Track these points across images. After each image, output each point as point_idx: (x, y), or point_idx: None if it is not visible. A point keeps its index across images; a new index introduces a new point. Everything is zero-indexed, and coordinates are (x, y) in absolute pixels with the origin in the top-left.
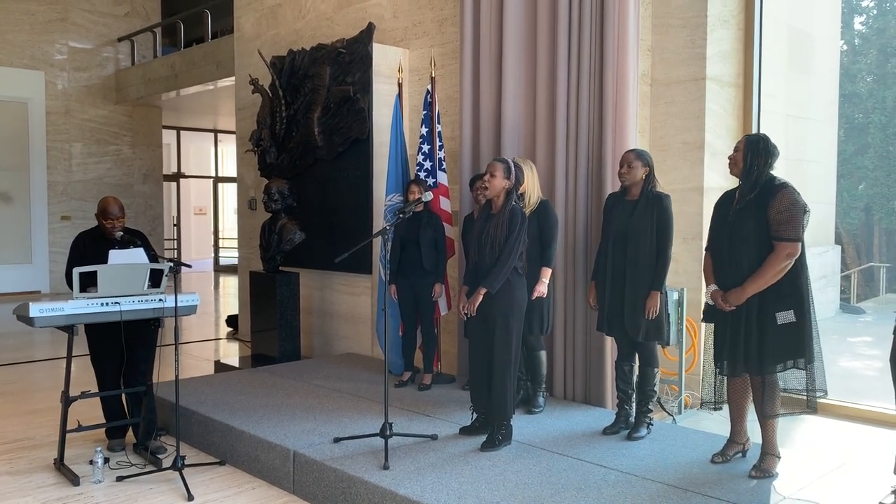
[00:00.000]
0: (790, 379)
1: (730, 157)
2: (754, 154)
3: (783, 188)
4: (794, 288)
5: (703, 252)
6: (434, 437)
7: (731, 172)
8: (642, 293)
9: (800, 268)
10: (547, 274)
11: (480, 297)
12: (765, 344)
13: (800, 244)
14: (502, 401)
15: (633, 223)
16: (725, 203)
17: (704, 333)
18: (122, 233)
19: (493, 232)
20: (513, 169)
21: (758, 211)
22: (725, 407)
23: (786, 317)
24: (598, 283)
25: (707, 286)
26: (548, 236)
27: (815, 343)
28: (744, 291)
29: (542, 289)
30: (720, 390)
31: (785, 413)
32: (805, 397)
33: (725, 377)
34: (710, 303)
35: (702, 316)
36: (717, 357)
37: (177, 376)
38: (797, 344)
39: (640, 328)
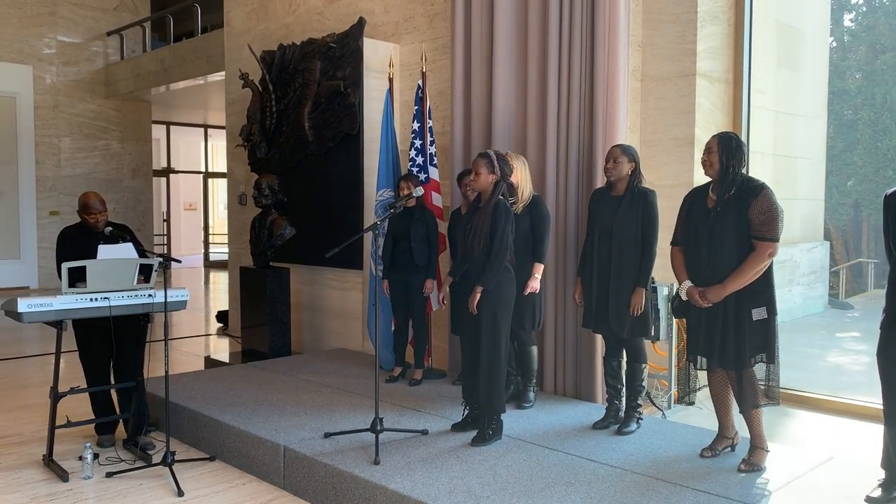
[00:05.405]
0: (755, 371)
1: (703, 159)
2: (729, 154)
3: (763, 189)
4: (767, 286)
5: (670, 248)
6: (425, 433)
7: (706, 173)
8: (627, 289)
9: (770, 267)
10: (539, 269)
11: (479, 296)
12: (741, 339)
13: (778, 244)
14: (491, 396)
15: (618, 219)
16: (698, 201)
17: None
18: (109, 227)
19: (478, 223)
20: (495, 161)
21: (738, 210)
22: (701, 401)
23: (759, 313)
24: (583, 280)
25: (679, 282)
26: (540, 232)
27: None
28: (724, 289)
29: (534, 284)
30: (693, 383)
31: (762, 404)
32: (765, 387)
33: (697, 371)
34: (685, 298)
35: (672, 312)
36: (691, 351)
37: (167, 372)
38: (767, 339)
39: (625, 324)
